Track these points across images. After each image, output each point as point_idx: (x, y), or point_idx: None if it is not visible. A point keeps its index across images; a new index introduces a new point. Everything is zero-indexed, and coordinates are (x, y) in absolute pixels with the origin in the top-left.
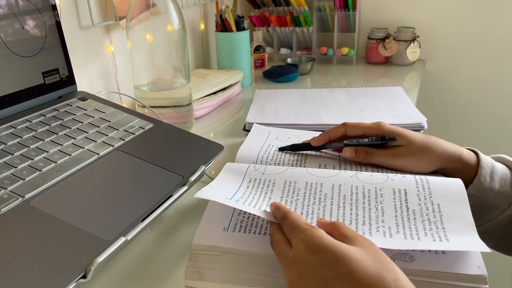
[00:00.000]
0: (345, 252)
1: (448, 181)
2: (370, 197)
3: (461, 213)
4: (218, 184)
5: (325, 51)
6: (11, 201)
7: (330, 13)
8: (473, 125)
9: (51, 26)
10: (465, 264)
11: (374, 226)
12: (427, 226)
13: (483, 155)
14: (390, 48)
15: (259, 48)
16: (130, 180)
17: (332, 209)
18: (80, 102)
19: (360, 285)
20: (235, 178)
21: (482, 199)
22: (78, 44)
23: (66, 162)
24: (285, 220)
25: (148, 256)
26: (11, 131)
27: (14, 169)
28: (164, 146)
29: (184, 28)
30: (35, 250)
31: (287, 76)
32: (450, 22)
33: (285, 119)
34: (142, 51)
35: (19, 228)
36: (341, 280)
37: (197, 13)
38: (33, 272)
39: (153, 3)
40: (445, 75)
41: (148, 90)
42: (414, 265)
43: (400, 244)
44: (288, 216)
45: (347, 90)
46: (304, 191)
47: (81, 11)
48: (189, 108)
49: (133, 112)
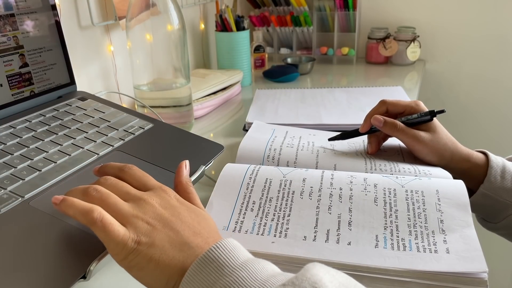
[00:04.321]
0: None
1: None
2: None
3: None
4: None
5: (325, 51)
6: (10, 201)
7: (330, 13)
8: (473, 125)
9: (50, 26)
10: (466, 264)
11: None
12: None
13: (494, 155)
14: (390, 48)
15: (259, 48)
16: None
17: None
18: (79, 102)
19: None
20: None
21: (494, 197)
22: (77, 44)
23: (65, 162)
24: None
25: None
26: (11, 131)
27: (14, 169)
28: (164, 146)
29: (184, 28)
30: (35, 250)
31: (287, 76)
32: (450, 22)
33: (285, 119)
34: (142, 51)
35: (19, 228)
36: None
37: (197, 13)
38: (33, 272)
39: (153, 3)
40: (445, 75)
41: (148, 90)
42: (414, 266)
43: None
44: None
45: (347, 90)
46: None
47: (80, 11)
48: (189, 108)
49: (133, 112)
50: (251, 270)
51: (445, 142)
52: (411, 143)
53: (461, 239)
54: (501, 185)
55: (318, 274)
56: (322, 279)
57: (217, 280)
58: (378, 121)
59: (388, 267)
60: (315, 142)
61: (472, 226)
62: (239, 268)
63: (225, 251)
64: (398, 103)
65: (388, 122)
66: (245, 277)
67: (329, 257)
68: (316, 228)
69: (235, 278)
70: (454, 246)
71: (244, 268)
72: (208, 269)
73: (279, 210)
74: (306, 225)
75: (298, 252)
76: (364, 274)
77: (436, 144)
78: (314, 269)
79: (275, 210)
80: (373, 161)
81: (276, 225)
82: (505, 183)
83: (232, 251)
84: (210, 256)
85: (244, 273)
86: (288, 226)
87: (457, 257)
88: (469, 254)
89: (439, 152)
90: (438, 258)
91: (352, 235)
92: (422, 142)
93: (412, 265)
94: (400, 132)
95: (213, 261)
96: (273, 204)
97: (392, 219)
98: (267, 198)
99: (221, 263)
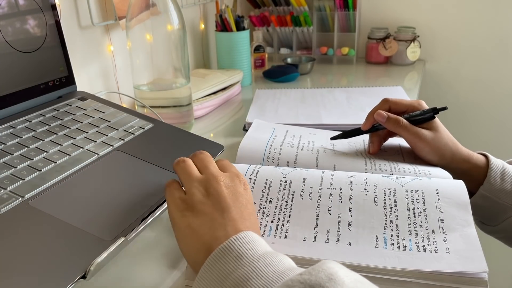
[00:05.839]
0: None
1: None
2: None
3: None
4: None
5: (325, 51)
6: (10, 201)
7: (330, 13)
8: (473, 125)
9: (50, 26)
10: (466, 264)
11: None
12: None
13: (494, 157)
14: (390, 48)
15: (259, 48)
16: (130, 180)
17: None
18: (79, 102)
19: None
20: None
21: (493, 199)
22: (77, 44)
23: (65, 162)
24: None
25: (148, 256)
26: (11, 131)
27: (14, 169)
28: (164, 146)
29: (184, 28)
30: (35, 250)
31: (287, 76)
32: (450, 22)
33: (285, 119)
34: (142, 51)
35: (19, 228)
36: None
37: (197, 13)
38: (33, 272)
39: (153, 3)
40: (445, 75)
41: (148, 90)
42: (414, 266)
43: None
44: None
45: (347, 90)
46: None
47: (80, 11)
48: (189, 108)
49: (133, 112)
50: (269, 262)
51: (446, 141)
52: (413, 140)
53: (461, 239)
54: (501, 187)
55: (334, 268)
56: (338, 272)
57: (236, 269)
58: (381, 116)
59: (388, 267)
60: (315, 142)
61: (473, 225)
62: (257, 259)
63: (245, 242)
64: (401, 102)
65: (391, 118)
66: (263, 268)
67: (330, 257)
68: (316, 228)
69: (253, 268)
70: (454, 245)
71: (262, 259)
72: (227, 258)
73: (279, 211)
74: (306, 225)
75: (299, 253)
76: (364, 274)
77: (437, 143)
78: (330, 263)
79: (275, 211)
80: (373, 161)
81: (276, 226)
82: (505, 185)
83: (251, 243)
84: (230, 246)
85: (261, 264)
86: (288, 227)
87: (458, 257)
88: (470, 254)
89: (440, 151)
90: (438, 258)
91: (352, 235)
92: (424, 140)
93: (413, 265)
94: (403, 128)
95: (232, 251)
96: (273, 205)
97: (392, 219)
98: (267, 199)
99: (240, 253)
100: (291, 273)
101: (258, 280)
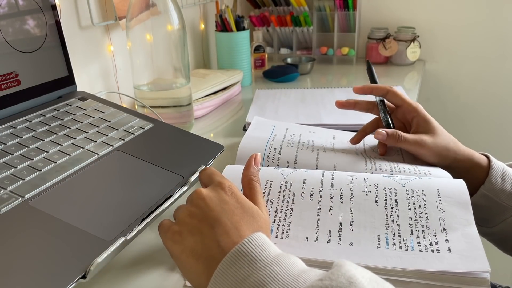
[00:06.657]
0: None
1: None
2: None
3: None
4: None
5: (325, 51)
6: (10, 201)
7: (330, 13)
8: (473, 125)
9: (51, 26)
10: (468, 264)
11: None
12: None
13: (495, 159)
14: (390, 48)
15: (259, 48)
16: (130, 180)
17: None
18: (80, 102)
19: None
20: None
21: (493, 199)
22: (78, 44)
23: (65, 162)
24: None
25: (148, 256)
26: (11, 131)
27: (14, 169)
28: (164, 146)
29: (184, 28)
30: (35, 250)
31: (287, 76)
32: (450, 22)
33: (285, 119)
34: (142, 51)
35: (19, 228)
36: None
37: (197, 13)
38: (33, 272)
39: (153, 3)
40: (445, 75)
41: (148, 90)
42: (416, 266)
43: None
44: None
45: (347, 90)
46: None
47: (81, 11)
48: (189, 108)
49: (133, 112)
50: (283, 265)
51: (447, 142)
52: (415, 149)
53: (463, 238)
54: (501, 187)
55: (351, 270)
56: (356, 275)
57: (251, 274)
58: (381, 135)
59: (390, 267)
60: (315, 141)
61: (474, 224)
62: (272, 263)
63: (257, 245)
64: (401, 97)
65: (390, 135)
66: (279, 272)
67: (331, 257)
68: (318, 229)
69: (269, 272)
70: (456, 245)
71: (277, 263)
72: (240, 263)
73: (280, 212)
74: (307, 226)
75: (300, 253)
76: None
77: (438, 146)
78: (346, 265)
79: (276, 212)
80: (373, 161)
81: (278, 227)
82: (505, 185)
83: (263, 245)
84: (242, 250)
85: (277, 268)
86: (290, 228)
87: (459, 257)
88: (471, 253)
89: (443, 154)
90: (440, 257)
91: (353, 235)
92: (425, 146)
93: (415, 265)
94: (402, 143)
95: (245, 255)
96: (274, 206)
97: (393, 218)
98: (268, 200)
99: (254, 257)
100: (306, 276)
101: (275, 284)
